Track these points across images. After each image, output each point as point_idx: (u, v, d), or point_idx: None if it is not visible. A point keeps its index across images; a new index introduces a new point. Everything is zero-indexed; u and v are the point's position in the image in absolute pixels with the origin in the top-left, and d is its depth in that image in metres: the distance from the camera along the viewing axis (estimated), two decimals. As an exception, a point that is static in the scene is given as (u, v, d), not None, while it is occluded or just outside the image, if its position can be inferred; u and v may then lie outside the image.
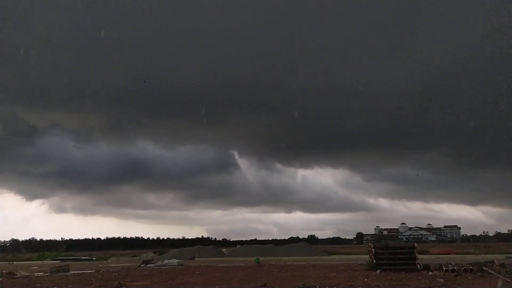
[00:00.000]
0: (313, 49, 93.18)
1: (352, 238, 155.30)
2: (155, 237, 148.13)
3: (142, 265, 33.27)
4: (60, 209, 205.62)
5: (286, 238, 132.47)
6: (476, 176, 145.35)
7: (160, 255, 57.53)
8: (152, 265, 33.34)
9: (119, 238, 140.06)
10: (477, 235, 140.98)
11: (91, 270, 28.74)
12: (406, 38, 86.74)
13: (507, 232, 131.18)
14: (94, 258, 58.56)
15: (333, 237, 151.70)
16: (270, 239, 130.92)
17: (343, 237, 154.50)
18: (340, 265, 26.50)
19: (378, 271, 19.96)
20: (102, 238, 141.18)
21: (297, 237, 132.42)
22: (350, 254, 53.68)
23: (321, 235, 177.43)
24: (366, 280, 17.17)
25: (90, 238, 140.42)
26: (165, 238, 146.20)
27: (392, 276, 18.25)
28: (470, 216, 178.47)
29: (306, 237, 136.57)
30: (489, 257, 30.92)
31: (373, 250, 21.29)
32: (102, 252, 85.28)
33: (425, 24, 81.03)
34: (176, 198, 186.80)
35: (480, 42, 74.46)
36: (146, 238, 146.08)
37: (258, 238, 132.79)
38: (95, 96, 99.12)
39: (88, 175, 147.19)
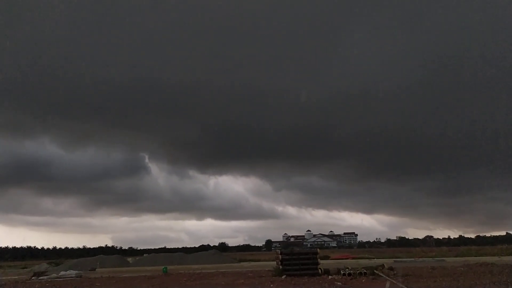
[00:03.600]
0: (236, 59, 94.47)
1: (261, 245, 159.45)
2: (50, 247, 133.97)
3: (33, 278, 29.98)
4: None
5: (197, 246, 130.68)
6: (373, 186, 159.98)
7: (55, 266, 52.23)
8: (45, 277, 30.23)
9: (6, 247, 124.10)
10: (371, 241, 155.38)
11: (-32, 285, 25.01)
12: (329, 59, 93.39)
13: (396, 238, 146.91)
14: (-27, 271, 51.02)
15: (243, 245, 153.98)
16: (181, 247, 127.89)
17: (253, 244, 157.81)
18: (248, 271, 27.00)
19: (283, 277, 20.82)
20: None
21: (208, 244, 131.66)
22: (259, 260, 54.86)
23: (232, 242, 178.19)
24: (272, 285, 17.80)
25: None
26: (63, 247, 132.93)
27: (296, 281, 19.19)
28: (366, 223, 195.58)
29: (217, 244, 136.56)
30: (380, 261, 34.47)
31: (280, 256, 22.19)
32: (-16, 264, 74.82)
33: (344, 49, 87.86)
34: (77, 203, 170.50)
35: (387, 69, 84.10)
36: (39, 248, 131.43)
37: (168, 246, 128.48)
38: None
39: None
